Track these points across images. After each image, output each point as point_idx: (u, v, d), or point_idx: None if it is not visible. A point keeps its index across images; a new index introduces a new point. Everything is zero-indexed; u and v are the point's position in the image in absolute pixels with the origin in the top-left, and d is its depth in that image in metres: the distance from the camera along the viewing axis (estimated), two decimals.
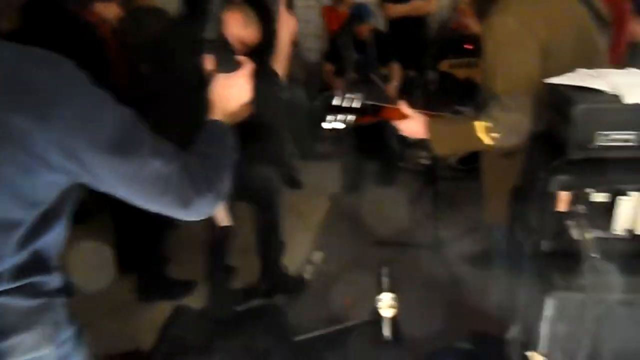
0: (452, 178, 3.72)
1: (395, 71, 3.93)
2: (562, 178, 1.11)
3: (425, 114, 1.63)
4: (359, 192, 3.78)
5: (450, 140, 1.58)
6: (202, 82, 1.20)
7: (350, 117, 1.55)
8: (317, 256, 2.98)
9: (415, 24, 4.27)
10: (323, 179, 4.03)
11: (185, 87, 1.92)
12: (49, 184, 0.81)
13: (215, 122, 1.05)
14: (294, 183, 3.95)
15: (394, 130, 3.91)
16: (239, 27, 2.01)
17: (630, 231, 1.14)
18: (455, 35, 4.10)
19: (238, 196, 2.25)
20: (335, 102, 1.51)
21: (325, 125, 1.53)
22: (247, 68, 1.12)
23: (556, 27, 1.40)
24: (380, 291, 1.55)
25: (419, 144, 4.30)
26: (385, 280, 1.54)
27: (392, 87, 3.88)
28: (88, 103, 0.80)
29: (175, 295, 2.74)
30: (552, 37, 1.38)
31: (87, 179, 0.84)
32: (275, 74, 2.21)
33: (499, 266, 1.84)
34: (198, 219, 0.94)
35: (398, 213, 3.34)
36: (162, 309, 2.65)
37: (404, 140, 4.14)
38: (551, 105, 1.21)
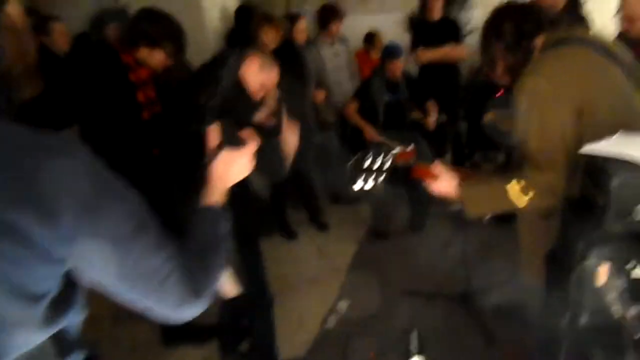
0: (484, 224, 3.64)
1: (432, 107, 3.93)
2: (602, 251, 1.07)
3: (457, 172, 1.62)
4: (388, 237, 3.74)
5: (483, 201, 1.57)
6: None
7: (381, 179, 1.55)
8: (342, 305, 2.93)
9: (446, 69, 4.30)
10: (351, 222, 4.01)
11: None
12: (49, 275, 0.76)
13: (210, 209, 1.02)
14: (321, 225, 3.95)
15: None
16: (257, 72, 2.04)
17: None
18: (487, 83, 4.09)
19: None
20: (367, 164, 1.51)
21: (355, 186, 1.53)
22: (251, 145, 1.13)
23: (590, 88, 1.39)
24: (408, 355, 1.50)
25: None
26: (414, 344, 1.49)
27: (431, 120, 3.88)
28: (97, 194, 0.75)
29: (198, 340, 2.74)
30: (587, 99, 1.37)
31: (79, 266, 0.78)
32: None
33: (536, 326, 1.77)
34: (182, 321, 0.90)
35: (428, 261, 3.27)
36: (185, 354, 2.66)
37: None
38: (588, 174, 1.18)
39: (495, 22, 1.57)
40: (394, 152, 1.60)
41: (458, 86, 4.48)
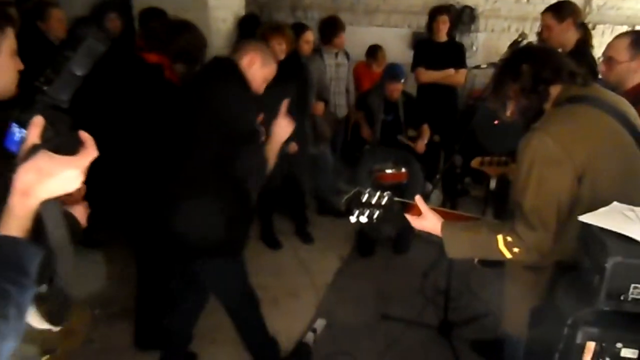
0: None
1: (424, 131, 3.92)
2: (591, 329, 1.05)
3: (440, 212, 1.61)
4: (371, 256, 3.71)
5: (467, 246, 1.54)
6: None
7: (378, 213, 1.53)
8: (320, 324, 2.90)
9: (444, 91, 4.30)
10: (337, 236, 3.98)
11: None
12: None
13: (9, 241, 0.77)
14: (306, 237, 3.91)
15: (415, 195, 3.89)
16: (260, 67, 2.04)
17: None
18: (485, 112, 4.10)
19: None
20: (365, 198, 1.50)
21: (351, 218, 1.53)
22: (87, 154, 0.83)
23: (597, 156, 1.37)
24: None
25: None
26: None
27: (421, 144, 3.86)
28: None
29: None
30: (591, 166, 1.35)
31: None
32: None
33: None
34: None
35: (409, 285, 3.26)
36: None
37: None
38: (585, 246, 1.16)
39: (514, 62, 1.54)
40: (391, 195, 1.58)
41: (455, 109, 4.48)
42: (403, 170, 3.70)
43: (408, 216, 1.63)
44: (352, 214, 1.55)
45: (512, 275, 1.67)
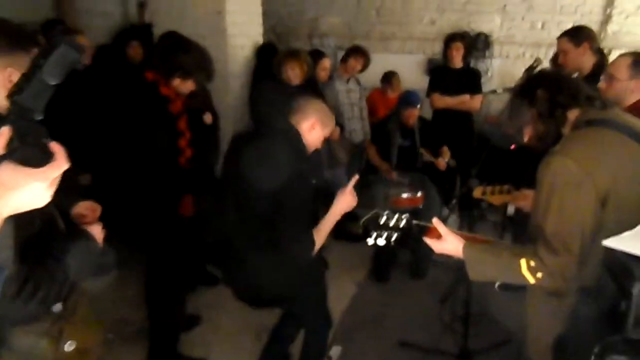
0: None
1: (445, 152, 3.93)
2: (619, 358, 1.02)
3: (461, 235, 1.59)
4: (388, 281, 3.67)
5: (489, 268, 1.52)
6: None
7: (396, 235, 1.53)
8: (335, 351, 2.86)
9: (459, 116, 4.31)
10: (353, 260, 3.95)
11: None
12: None
13: None
14: (321, 262, 3.89)
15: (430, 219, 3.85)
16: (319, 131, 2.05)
17: None
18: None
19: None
20: (383, 220, 1.49)
21: (369, 240, 1.52)
22: (55, 166, 0.77)
23: (620, 178, 1.36)
24: None
25: None
26: None
27: (442, 161, 3.88)
28: None
29: None
30: (614, 188, 1.34)
31: None
32: None
33: None
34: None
35: (426, 311, 3.21)
36: None
37: None
38: (609, 271, 1.14)
39: (529, 87, 1.55)
40: (409, 217, 1.57)
41: (471, 133, 4.48)
42: (419, 194, 3.68)
43: (428, 239, 1.61)
44: (370, 236, 1.54)
45: (534, 301, 1.64)
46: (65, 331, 1.28)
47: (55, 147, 0.79)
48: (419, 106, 3.82)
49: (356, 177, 2.12)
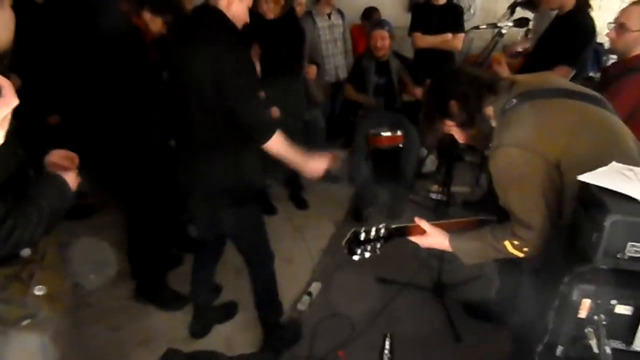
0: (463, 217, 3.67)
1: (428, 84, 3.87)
2: (586, 287, 1.06)
3: (443, 225, 1.65)
4: (366, 221, 3.73)
5: (479, 254, 1.57)
6: None
7: (379, 245, 1.56)
8: (315, 287, 2.93)
9: (441, 55, 4.23)
10: (331, 201, 3.99)
11: None
12: None
13: None
14: (300, 203, 3.92)
15: (411, 158, 3.83)
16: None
17: None
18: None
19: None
20: (363, 236, 1.53)
21: (355, 258, 1.54)
22: (2, 103, 0.75)
23: (561, 136, 1.37)
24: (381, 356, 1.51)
25: (431, 176, 4.31)
26: (387, 348, 1.50)
27: (418, 90, 3.78)
28: None
29: (169, 306, 2.76)
30: (561, 148, 1.35)
31: None
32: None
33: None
34: None
35: (403, 249, 3.27)
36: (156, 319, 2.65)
37: (418, 171, 4.12)
38: (583, 206, 1.16)
39: (441, 101, 1.54)
40: (388, 225, 1.61)
41: None
42: (399, 133, 3.67)
43: (413, 238, 1.65)
44: (355, 254, 1.54)
45: None
46: (35, 275, 1.27)
47: (3, 82, 0.76)
48: (387, 28, 3.70)
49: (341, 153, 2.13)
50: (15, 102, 0.77)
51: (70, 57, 2.79)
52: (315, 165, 2.02)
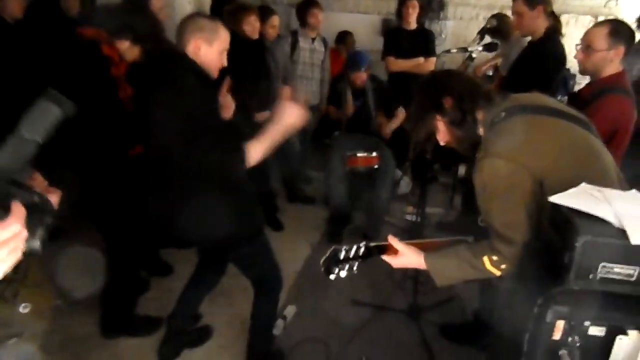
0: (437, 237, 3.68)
1: (400, 114, 3.93)
2: (560, 308, 1.06)
3: (416, 245, 1.62)
4: (341, 242, 3.70)
5: (455, 273, 1.54)
6: None
7: (356, 264, 1.52)
8: (290, 310, 2.88)
9: (415, 79, 4.30)
10: (307, 223, 3.96)
11: None
12: None
13: None
14: (276, 225, 3.87)
15: (386, 180, 3.85)
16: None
17: None
18: None
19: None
20: (342, 255, 1.49)
21: (331, 277, 1.50)
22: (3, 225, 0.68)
23: (547, 153, 1.39)
24: None
25: (405, 198, 4.34)
26: None
27: (387, 129, 3.89)
28: None
29: (140, 332, 2.65)
30: (546, 165, 1.37)
31: None
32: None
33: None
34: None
35: (378, 270, 3.26)
36: (127, 345, 2.55)
37: (393, 193, 4.14)
38: (554, 226, 1.17)
39: (434, 96, 1.53)
40: (369, 243, 1.58)
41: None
42: (374, 154, 3.69)
43: (386, 257, 1.61)
44: (332, 273, 1.50)
45: None
46: (19, 294, 1.22)
47: (16, 208, 0.71)
48: (364, 69, 3.77)
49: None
50: (17, 227, 0.70)
51: (37, 81, 2.71)
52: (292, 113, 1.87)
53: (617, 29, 2.18)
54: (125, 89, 2.34)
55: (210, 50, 1.89)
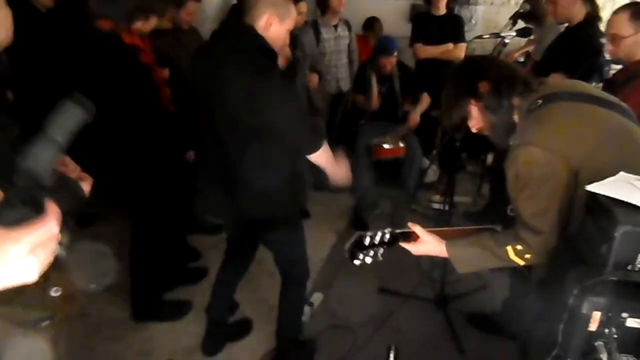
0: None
1: (424, 99, 3.88)
2: (597, 299, 1.04)
3: (438, 232, 1.59)
4: (368, 230, 3.69)
5: (477, 261, 1.52)
6: None
7: (381, 251, 1.50)
8: (317, 298, 2.90)
9: (443, 66, 4.23)
10: (333, 211, 3.97)
11: None
12: None
13: None
14: (303, 213, 3.88)
15: (413, 169, 3.81)
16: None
17: None
18: None
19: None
20: (367, 241, 1.47)
21: (356, 262, 1.49)
22: (37, 226, 0.63)
23: (588, 144, 1.34)
24: None
25: (433, 186, 4.30)
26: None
27: (414, 116, 3.83)
28: None
29: (170, 317, 2.72)
30: (584, 154, 1.32)
31: None
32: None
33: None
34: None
35: (406, 259, 3.24)
36: (156, 330, 2.61)
37: (420, 182, 4.11)
38: (591, 216, 1.14)
39: (469, 80, 1.48)
40: (394, 230, 1.55)
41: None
42: (401, 144, 3.67)
43: (405, 245, 1.59)
44: (357, 259, 1.49)
45: None
46: (50, 277, 1.26)
47: (51, 207, 0.67)
48: (395, 53, 3.73)
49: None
50: (53, 226, 0.65)
51: (68, 70, 2.74)
52: (341, 172, 2.01)
53: (638, 11, 2.14)
54: (164, 92, 2.37)
55: (280, 27, 1.86)
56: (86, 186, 1.32)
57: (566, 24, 2.92)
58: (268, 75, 1.76)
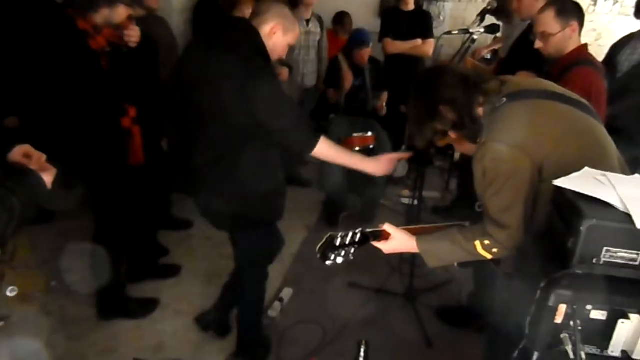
0: (433, 222, 3.69)
1: (383, 97, 3.97)
2: (563, 292, 1.06)
3: (408, 230, 1.61)
4: (337, 225, 3.70)
5: (447, 256, 1.55)
6: None
7: (353, 250, 1.51)
8: (287, 293, 2.88)
9: (411, 61, 4.27)
10: (303, 206, 3.95)
11: None
12: None
13: None
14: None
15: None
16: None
17: (626, 353, 1.09)
18: None
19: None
20: (339, 241, 1.47)
21: (328, 263, 1.49)
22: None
23: (550, 140, 1.37)
24: None
25: (401, 181, 4.33)
26: (362, 355, 1.47)
27: (381, 107, 3.92)
28: None
29: (135, 314, 2.65)
30: (547, 150, 1.35)
31: None
32: None
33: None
34: None
35: (375, 254, 3.26)
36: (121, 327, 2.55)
37: (389, 176, 4.13)
38: (558, 210, 1.16)
39: (430, 106, 1.48)
40: (365, 229, 1.55)
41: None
42: (370, 134, 3.67)
43: (376, 244, 1.61)
44: (328, 259, 1.48)
45: None
46: (6, 276, 1.20)
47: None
48: (371, 45, 3.74)
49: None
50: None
51: (22, 60, 2.63)
52: (377, 165, 1.98)
53: (562, 8, 2.20)
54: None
55: (282, 39, 1.92)
56: (48, 177, 1.26)
57: (529, 21, 2.98)
58: (264, 74, 1.78)
